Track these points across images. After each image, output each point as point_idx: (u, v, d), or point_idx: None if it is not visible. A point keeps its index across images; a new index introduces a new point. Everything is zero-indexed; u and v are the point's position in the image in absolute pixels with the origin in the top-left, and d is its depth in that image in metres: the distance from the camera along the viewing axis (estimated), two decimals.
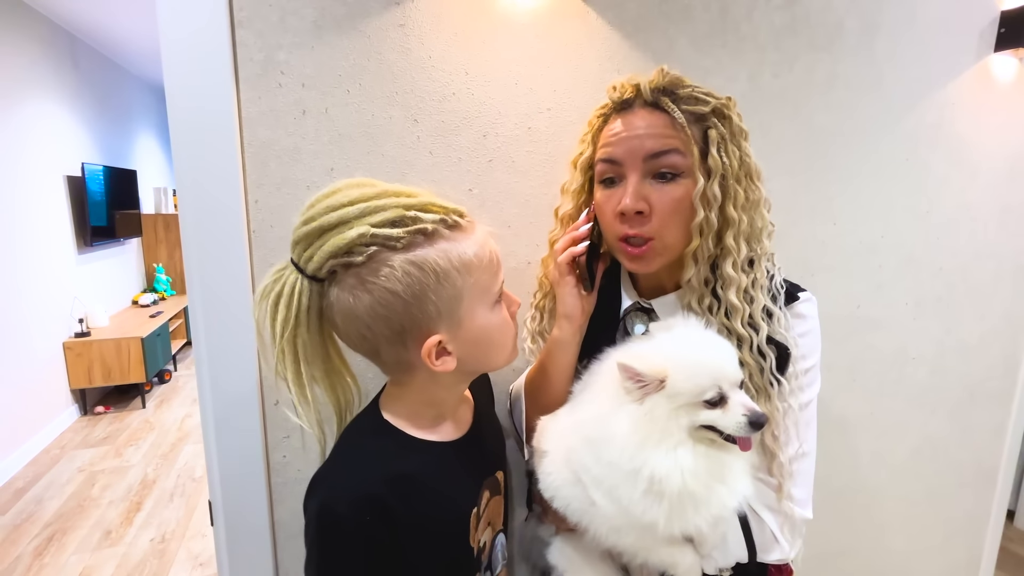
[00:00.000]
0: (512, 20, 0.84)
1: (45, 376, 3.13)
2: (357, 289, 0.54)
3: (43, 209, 3.17)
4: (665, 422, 0.55)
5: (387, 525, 0.54)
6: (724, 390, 0.56)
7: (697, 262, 0.65)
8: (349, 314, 0.55)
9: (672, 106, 0.62)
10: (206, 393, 0.78)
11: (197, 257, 0.76)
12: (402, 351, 0.57)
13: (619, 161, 0.64)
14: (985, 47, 1.20)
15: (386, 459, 0.58)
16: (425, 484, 0.58)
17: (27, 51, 3.05)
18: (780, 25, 1.00)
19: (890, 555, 1.43)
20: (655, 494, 0.55)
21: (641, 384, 0.56)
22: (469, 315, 0.58)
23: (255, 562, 0.84)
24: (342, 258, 0.53)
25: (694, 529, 0.57)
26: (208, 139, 0.74)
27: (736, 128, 0.64)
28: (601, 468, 0.57)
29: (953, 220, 1.28)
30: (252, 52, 0.74)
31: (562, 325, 0.71)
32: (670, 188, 0.62)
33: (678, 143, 0.62)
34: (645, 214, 0.63)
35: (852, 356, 1.24)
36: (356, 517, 0.54)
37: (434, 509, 0.59)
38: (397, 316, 0.54)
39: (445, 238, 0.56)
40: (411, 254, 0.54)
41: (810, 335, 0.68)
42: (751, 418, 0.55)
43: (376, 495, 0.54)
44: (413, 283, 0.53)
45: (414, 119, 0.82)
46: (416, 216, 0.54)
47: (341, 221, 0.53)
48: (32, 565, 2.08)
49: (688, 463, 0.55)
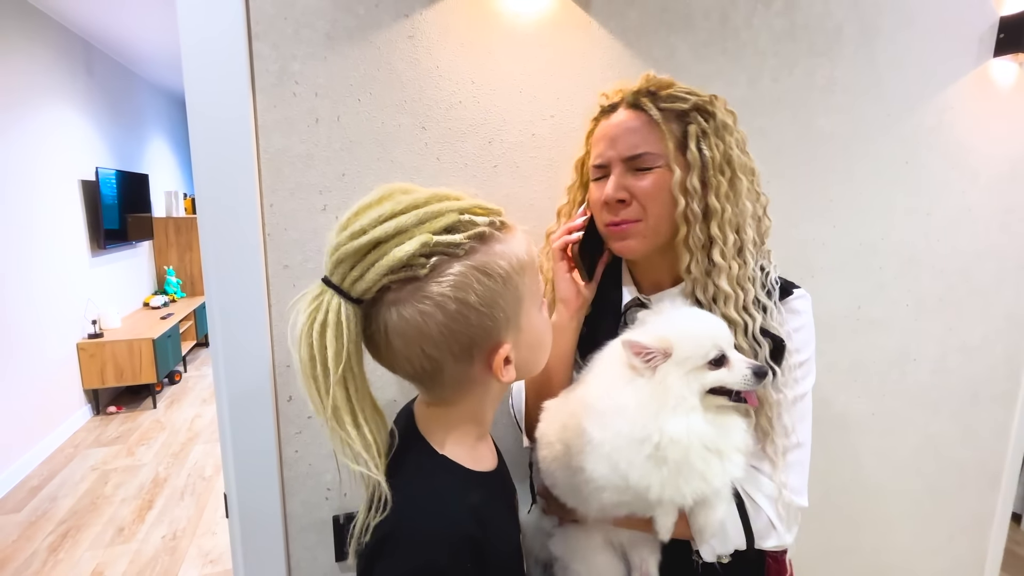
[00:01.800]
0: (516, 31, 0.86)
1: (59, 377, 3.19)
2: (424, 304, 0.48)
3: (58, 212, 3.24)
4: (680, 388, 0.59)
5: (480, 566, 0.50)
6: (724, 350, 0.61)
7: (691, 251, 0.68)
8: (415, 334, 0.49)
9: (650, 105, 0.67)
10: (222, 389, 0.81)
11: (214, 259, 0.79)
12: (467, 367, 0.52)
13: (604, 159, 0.70)
14: (985, 52, 1.22)
15: (463, 497, 0.53)
16: (493, 518, 0.55)
17: (43, 58, 3.12)
18: (779, 31, 1.02)
19: (894, 553, 1.44)
20: (657, 460, 0.58)
21: (649, 356, 0.59)
22: (527, 318, 0.55)
23: (268, 553, 0.87)
24: (400, 273, 0.48)
25: (680, 499, 0.60)
26: (226, 146, 0.77)
27: (720, 123, 0.67)
28: (604, 434, 0.60)
29: (954, 222, 1.29)
30: (268, 63, 0.77)
31: (559, 309, 0.75)
32: (646, 176, 0.68)
33: (652, 138, 0.67)
34: (626, 202, 0.68)
35: (853, 356, 1.25)
36: (459, 565, 0.49)
37: (505, 541, 0.57)
38: (469, 329, 0.50)
39: (499, 240, 0.52)
40: (474, 260, 0.50)
41: (804, 330, 0.71)
42: (754, 369, 0.60)
43: (471, 536, 0.50)
44: (485, 291, 0.49)
45: (422, 126, 0.84)
46: (471, 220, 0.50)
47: (399, 231, 0.47)
48: (47, 561, 2.12)
49: (699, 426, 0.59)
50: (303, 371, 0.50)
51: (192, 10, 0.74)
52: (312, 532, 0.90)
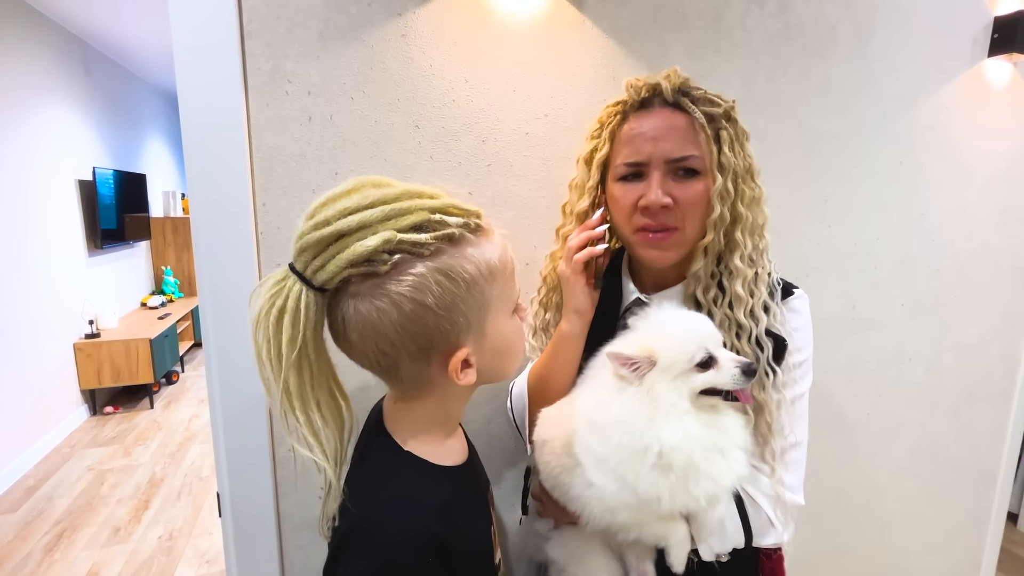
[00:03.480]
0: (510, 30, 0.86)
1: (56, 377, 3.18)
2: (380, 302, 0.48)
3: (55, 212, 3.23)
4: (668, 395, 0.59)
5: (445, 562, 0.51)
6: (711, 350, 0.60)
7: (707, 255, 0.68)
8: (370, 330, 0.49)
9: (692, 107, 0.65)
10: (215, 387, 0.81)
11: (208, 257, 0.79)
12: (424, 367, 0.52)
13: (643, 158, 0.66)
14: (979, 52, 1.22)
15: (427, 493, 0.53)
16: (459, 511, 0.55)
17: (41, 58, 3.11)
18: (773, 31, 1.02)
19: (890, 553, 1.44)
20: (663, 467, 0.57)
21: (634, 366, 0.59)
22: (493, 325, 0.54)
23: (261, 552, 0.87)
24: (362, 267, 0.48)
25: (693, 503, 0.60)
26: (218, 145, 0.77)
27: (740, 130, 0.68)
28: (607, 448, 0.60)
29: (949, 221, 1.29)
30: (260, 62, 0.77)
31: (572, 320, 0.73)
32: (692, 184, 0.66)
33: (700, 143, 0.65)
34: (669, 208, 0.65)
35: (849, 355, 1.25)
36: (421, 561, 0.49)
37: (472, 533, 0.57)
38: (426, 330, 0.49)
39: (470, 243, 0.52)
40: (438, 262, 0.49)
41: (803, 330, 0.71)
42: (743, 367, 0.59)
43: (434, 533, 0.50)
44: (444, 294, 0.49)
45: (416, 125, 0.84)
46: (442, 220, 0.50)
47: (362, 225, 0.47)
48: (43, 561, 2.12)
49: (694, 430, 0.58)
50: (257, 353, 0.50)
51: (184, 9, 0.74)
52: (306, 531, 0.90)
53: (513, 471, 0.99)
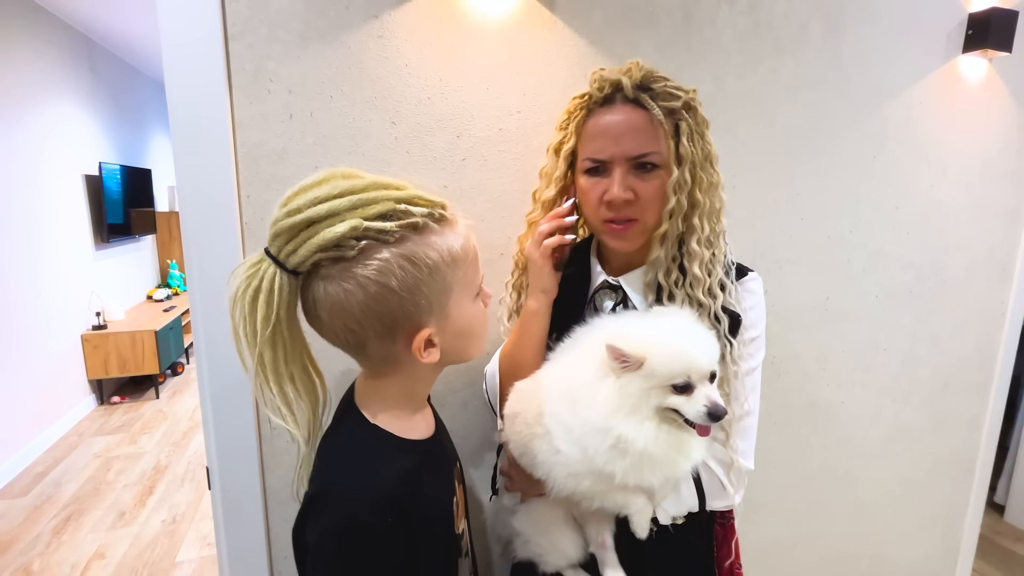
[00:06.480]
0: (483, 30, 0.90)
1: (64, 367, 3.27)
2: (348, 284, 0.52)
3: (62, 207, 3.31)
4: (636, 399, 0.62)
5: (405, 524, 0.54)
6: (692, 380, 0.61)
7: (665, 241, 0.72)
8: (338, 309, 0.53)
9: (651, 103, 0.68)
10: (203, 368, 0.86)
11: (196, 245, 0.84)
12: (390, 345, 0.57)
13: (606, 156, 0.70)
14: (953, 48, 1.24)
15: (391, 462, 0.58)
16: (422, 480, 0.59)
17: (47, 55, 3.18)
18: (743, 29, 1.05)
19: (865, 539, 1.48)
20: (619, 451, 0.62)
21: (624, 363, 0.62)
22: (456, 308, 0.59)
23: (248, 525, 0.92)
24: (331, 252, 0.52)
25: (646, 484, 0.64)
26: (205, 141, 0.81)
27: (700, 118, 0.71)
28: (575, 419, 0.64)
29: (923, 215, 1.31)
30: (244, 62, 0.82)
31: (539, 298, 0.78)
32: (651, 177, 0.70)
33: (659, 139, 0.69)
34: (631, 201, 0.70)
35: (822, 346, 1.29)
36: (380, 521, 0.53)
37: (433, 502, 0.61)
38: (390, 311, 0.53)
39: (433, 232, 0.56)
40: (403, 248, 0.53)
41: (756, 308, 0.76)
42: (711, 410, 0.60)
43: (394, 495, 0.54)
44: (407, 277, 0.53)
45: (392, 121, 0.89)
46: (407, 209, 0.54)
47: (331, 213, 0.51)
48: (51, 543, 2.20)
49: (651, 435, 0.62)
50: (234, 329, 0.55)
51: (171, 11, 0.78)
52: (291, 505, 0.95)
53: (490, 454, 1.04)
